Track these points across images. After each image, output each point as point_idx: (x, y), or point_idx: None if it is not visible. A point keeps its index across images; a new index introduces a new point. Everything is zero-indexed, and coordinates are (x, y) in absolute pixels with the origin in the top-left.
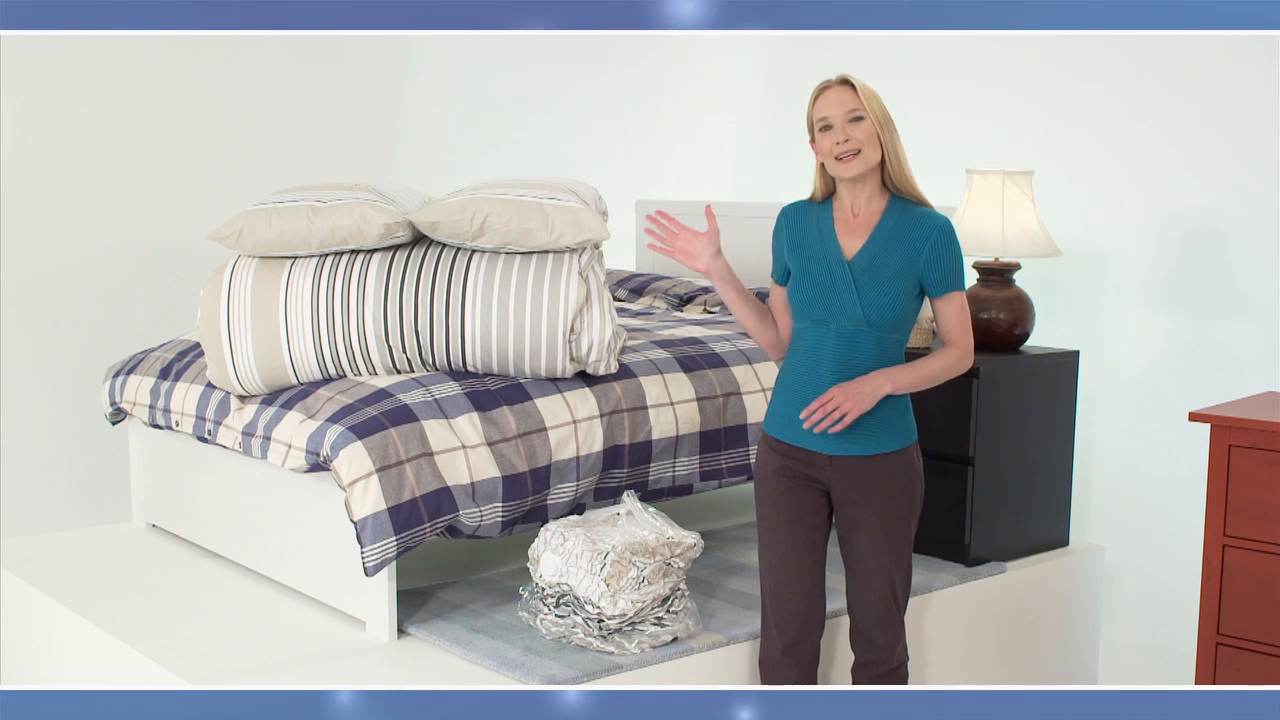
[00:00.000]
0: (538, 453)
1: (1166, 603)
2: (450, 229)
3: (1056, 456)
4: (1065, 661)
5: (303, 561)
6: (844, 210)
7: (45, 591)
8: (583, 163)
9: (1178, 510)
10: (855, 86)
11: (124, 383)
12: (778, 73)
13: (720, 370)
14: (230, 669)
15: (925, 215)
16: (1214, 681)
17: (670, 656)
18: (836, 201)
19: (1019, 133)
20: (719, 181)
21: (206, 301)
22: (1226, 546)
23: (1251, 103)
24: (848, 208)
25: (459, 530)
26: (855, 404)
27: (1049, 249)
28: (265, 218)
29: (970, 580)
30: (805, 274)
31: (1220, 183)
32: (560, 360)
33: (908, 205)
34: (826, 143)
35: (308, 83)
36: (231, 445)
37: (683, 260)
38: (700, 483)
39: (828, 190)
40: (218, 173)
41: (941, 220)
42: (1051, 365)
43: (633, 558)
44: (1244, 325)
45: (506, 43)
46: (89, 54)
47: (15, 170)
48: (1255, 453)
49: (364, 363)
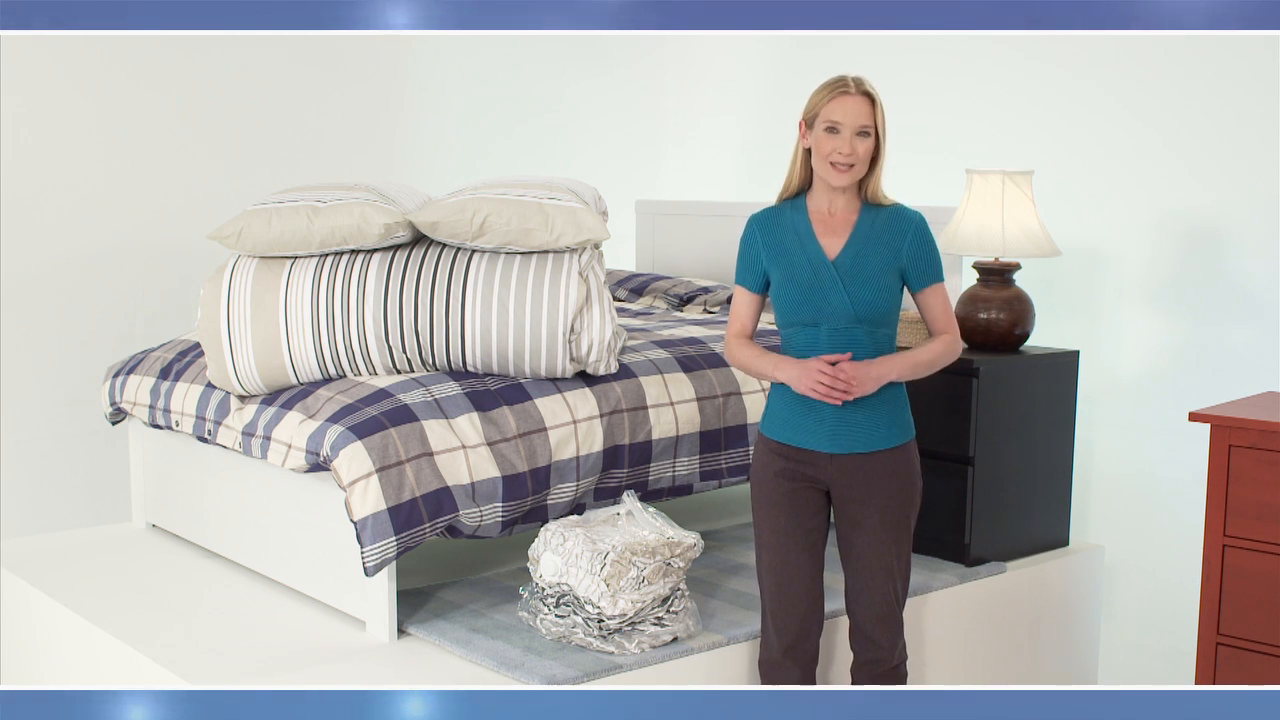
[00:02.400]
0: (538, 453)
1: (1166, 603)
2: (450, 229)
3: (1056, 456)
4: (1065, 661)
5: (303, 561)
6: (820, 210)
7: (45, 591)
8: (583, 163)
9: (1178, 510)
10: (875, 102)
11: (124, 383)
12: (778, 73)
13: (720, 370)
14: (230, 669)
15: (899, 211)
16: (1214, 681)
17: (670, 656)
18: (812, 200)
19: (1019, 133)
20: (719, 181)
21: (206, 301)
22: (1226, 546)
23: (1251, 103)
24: (824, 207)
25: (459, 530)
26: (861, 385)
27: (1049, 249)
28: (265, 218)
29: (970, 580)
30: (790, 278)
31: (1220, 183)
32: (560, 360)
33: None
34: (828, 145)
35: (308, 83)
36: (231, 445)
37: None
38: (700, 483)
39: (804, 182)
40: (218, 173)
41: (916, 215)
42: (1051, 365)
43: (633, 558)
44: (1244, 325)
45: (506, 43)
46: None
47: (15, 170)
48: (1255, 453)
49: (364, 363)
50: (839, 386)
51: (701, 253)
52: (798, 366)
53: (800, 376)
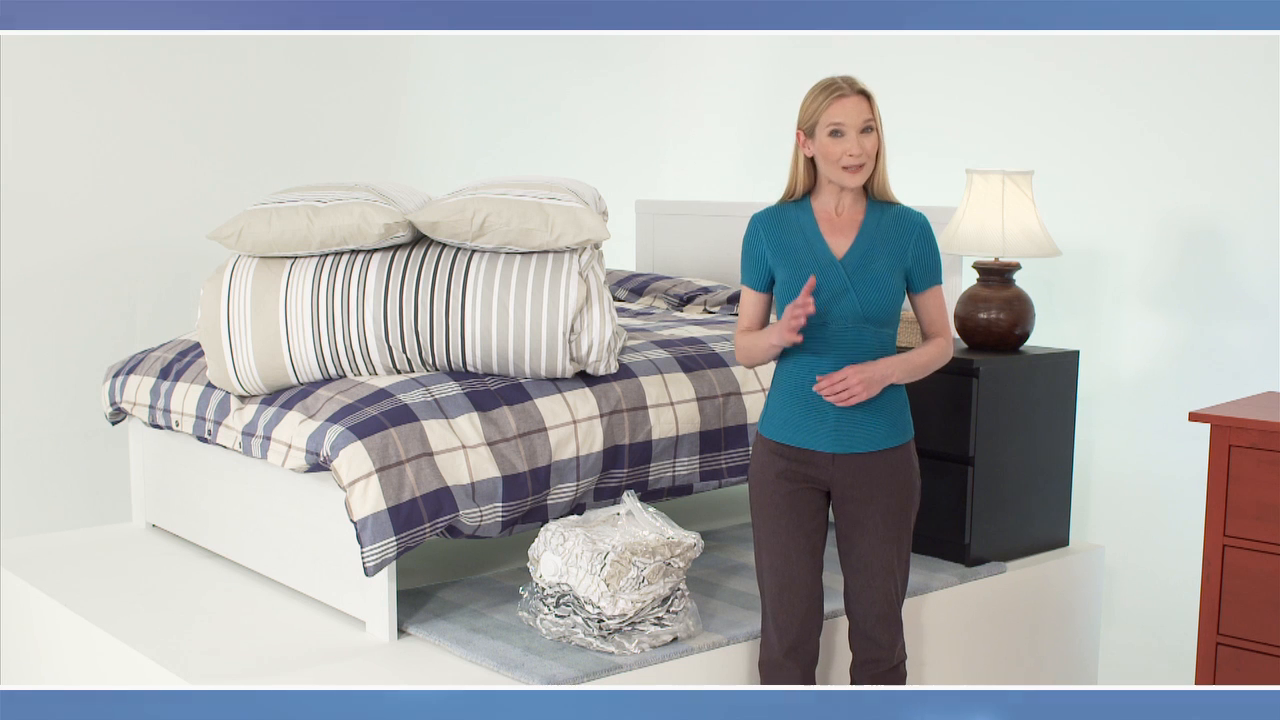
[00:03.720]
0: (538, 453)
1: (1166, 603)
2: (450, 229)
3: (1056, 456)
4: (1065, 661)
5: (303, 561)
6: (826, 210)
7: (45, 591)
8: (583, 163)
9: (1178, 510)
10: (871, 99)
11: (124, 383)
12: (778, 73)
13: (720, 370)
14: (230, 669)
15: (904, 212)
16: (1214, 681)
17: (670, 656)
18: (817, 201)
19: (1019, 133)
20: (719, 181)
21: (206, 301)
22: (1226, 546)
23: (1251, 103)
24: (831, 208)
25: (459, 530)
26: (864, 387)
27: (1049, 249)
28: (265, 218)
29: (970, 580)
30: (797, 277)
31: (1220, 183)
32: (560, 360)
33: (885, 203)
34: (836, 149)
35: (308, 83)
36: (231, 445)
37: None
38: (700, 483)
39: (807, 187)
40: (218, 173)
41: (920, 217)
42: (1051, 365)
43: (633, 558)
44: (1244, 325)
45: (506, 43)
46: (89, 54)
47: (15, 170)
48: (1255, 453)
49: (364, 363)
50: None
51: (701, 253)
52: (779, 323)
53: (781, 328)
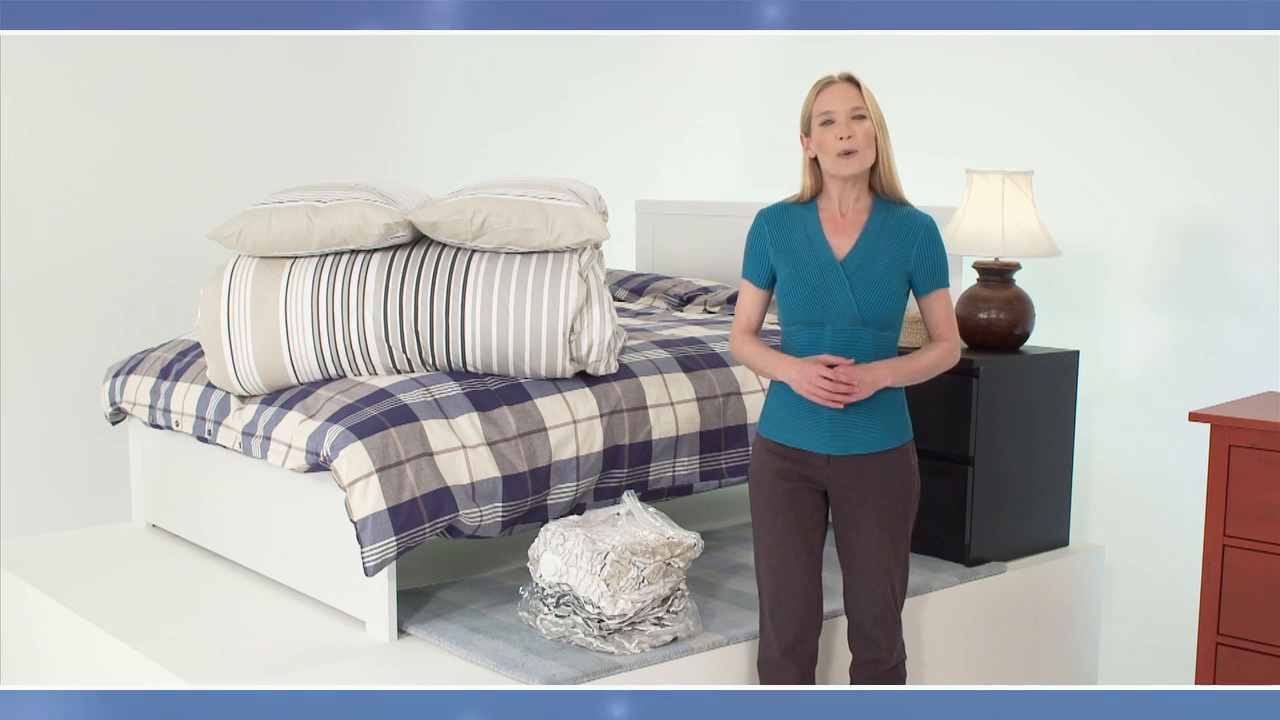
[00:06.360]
0: (538, 453)
1: (1166, 603)
2: (450, 229)
3: (1056, 456)
4: (1065, 661)
5: (303, 561)
6: (831, 210)
7: (45, 591)
8: (583, 162)
9: (1178, 510)
10: (860, 85)
11: (124, 383)
12: (778, 72)
13: (720, 370)
14: (230, 669)
15: (911, 214)
16: (1214, 681)
17: (670, 656)
18: (823, 201)
19: (1019, 133)
20: (719, 181)
21: (206, 301)
22: (1226, 546)
23: (1252, 102)
24: (835, 207)
25: (459, 530)
26: (859, 389)
27: (1049, 249)
28: (265, 218)
29: (970, 580)
30: (796, 276)
31: (1220, 183)
32: (560, 360)
33: (892, 205)
34: (828, 137)
35: (307, 82)
36: (231, 445)
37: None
38: (700, 483)
39: (816, 188)
40: (218, 173)
41: (927, 219)
42: (1051, 365)
43: (633, 558)
44: (1244, 325)
45: (506, 42)
46: (89, 54)
47: (16, 170)
48: (1255, 453)
49: (364, 363)
50: (839, 390)
51: (701, 253)
52: (797, 368)
53: (799, 379)
